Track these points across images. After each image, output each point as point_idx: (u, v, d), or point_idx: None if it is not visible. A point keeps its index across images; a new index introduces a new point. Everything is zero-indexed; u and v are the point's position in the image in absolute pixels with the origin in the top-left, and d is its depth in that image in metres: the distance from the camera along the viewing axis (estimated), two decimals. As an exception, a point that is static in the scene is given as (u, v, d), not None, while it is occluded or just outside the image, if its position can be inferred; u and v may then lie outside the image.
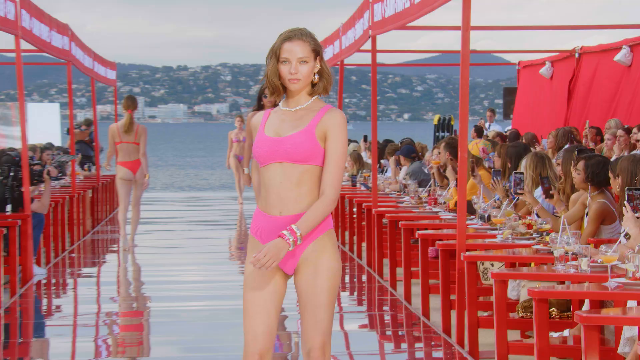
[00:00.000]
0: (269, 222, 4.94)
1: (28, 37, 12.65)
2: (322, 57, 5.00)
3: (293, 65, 4.88)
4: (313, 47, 4.92)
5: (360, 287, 12.09)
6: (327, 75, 5.00)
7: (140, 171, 14.82)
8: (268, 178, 4.93)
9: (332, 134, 4.94)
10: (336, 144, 4.94)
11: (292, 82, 4.91)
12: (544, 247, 7.81)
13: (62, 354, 8.71)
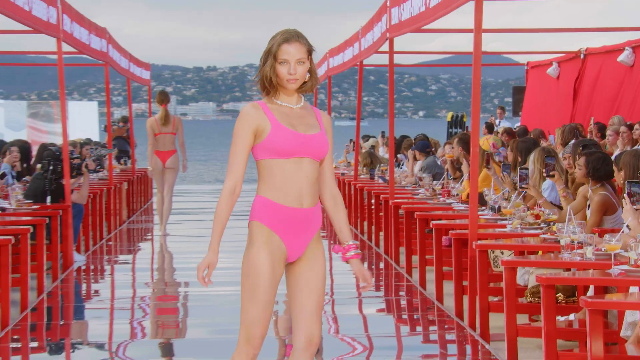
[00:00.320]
0: (289, 213, 4.87)
1: (69, 40, 12.69)
2: (312, 57, 4.96)
3: (292, 66, 4.84)
4: (307, 48, 4.89)
5: (377, 273, 12.09)
6: (315, 75, 4.97)
7: (171, 160, 15.15)
8: (290, 171, 4.87)
9: (330, 136, 4.99)
10: (331, 146, 5.00)
11: (290, 82, 4.87)
12: (551, 237, 7.80)
13: (100, 335, 8.74)
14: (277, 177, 4.86)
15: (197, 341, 8.45)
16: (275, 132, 4.84)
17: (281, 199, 4.86)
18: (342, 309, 9.69)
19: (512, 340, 7.19)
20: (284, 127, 4.85)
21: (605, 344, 5.84)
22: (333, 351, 7.97)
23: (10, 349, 8.07)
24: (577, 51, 19.39)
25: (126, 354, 7.90)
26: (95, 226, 14.46)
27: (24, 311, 9.35)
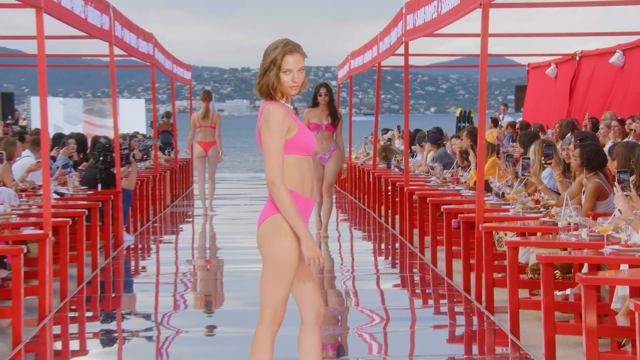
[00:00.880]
0: (305, 203, 4.87)
1: (120, 44, 12.72)
2: None
3: (295, 74, 4.83)
4: (304, 57, 4.90)
5: (393, 252, 12.07)
6: (305, 79, 4.96)
7: (212, 149, 15.60)
8: (306, 166, 4.86)
9: None
10: None
11: (293, 89, 4.87)
12: (550, 219, 7.77)
13: (147, 307, 8.77)
14: (298, 171, 4.84)
15: (232, 312, 8.47)
16: (302, 132, 4.85)
17: (300, 190, 4.84)
18: (362, 284, 9.68)
19: (515, 313, 7.17)
20: (306, 128, 4.89)
21: (598, 315, 5.81)
22: (354, 322, 7.98)
23: (68, 317, 8.12)
24: (573, 54, 19.29)
25: (170, 323, 7.93)
26: (143, 209, 14.50)
27: (80, 285, 9.40)
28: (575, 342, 6.74)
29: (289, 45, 4.84)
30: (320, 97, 12.09)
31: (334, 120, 12.15)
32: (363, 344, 7.18)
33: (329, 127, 12.20)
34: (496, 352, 6.97)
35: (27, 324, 7.48)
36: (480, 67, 8.50)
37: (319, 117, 12.23)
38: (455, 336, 7.60)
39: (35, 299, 8.01)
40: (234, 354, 6.82)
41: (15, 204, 9.51)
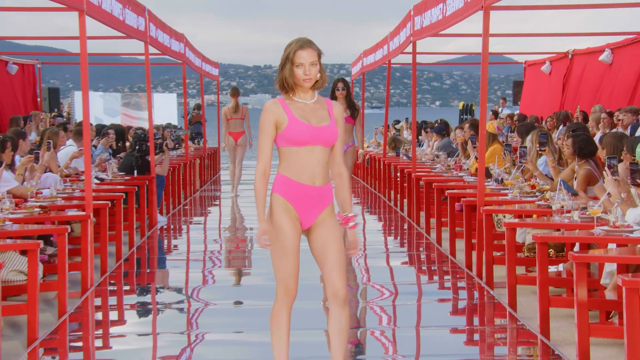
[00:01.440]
0: (302, 189, 4.81)
1: (154, 44, 12.73)
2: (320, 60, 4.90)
3: (307, 68, 4.78)
4: (317, 52, 4.84)
5: (402, 233, 12.06)
6: (324, 74, 4.91)
7: (241, 138, 16.08)
8: (304, 156, 4.80)
9: (340, 123, 4.93)
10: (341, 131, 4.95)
11: (306, 82, 4.81)
12: (545, 203, 7.75)
13: (178, 281, 8.80)
14: (294, 160, 4.81)
15: (256, 286, 8.48)
16: (291, 125, 4.79)
17: (296, 177, 4.81)
18: (373, 261, 9.68)
19: (512, 287, 7.15)
20: (299, 121, 4.80)
21: (588, 290, 5.79)
22: (366, 296, 7.98)
23: (108, 291, 8.16)
24: (566, 52, 19.18)
25: (199, 297, 7.95)
26: (174, 193, 14.53)
27: (118, 261, 9.43)
28: (567, 314, 6.72)
29: (301, 41, 4.82)
30: (338, 91, 11.47)
31: (353, 112, 11.41)
32: (374, 316, 7.18)
33: (348, 120, 11.42)
34: (495, 323, 6.95)
35: (71, 297, 7.52)
36: (481, 65, 8.46)
37: None
38: (458, 309, 7.59)
39: (78, 273, 8.05)
40: (258, 325, 6.83)
41: (61, 188, 9.56)
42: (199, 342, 6.41)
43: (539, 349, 6.07)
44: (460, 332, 6.76)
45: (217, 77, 23.66)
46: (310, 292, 8.02)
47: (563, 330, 6.45)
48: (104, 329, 6.96)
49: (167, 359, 5.97)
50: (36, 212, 7.78)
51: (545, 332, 6.27)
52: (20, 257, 7.02)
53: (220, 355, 6.06)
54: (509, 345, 6.33)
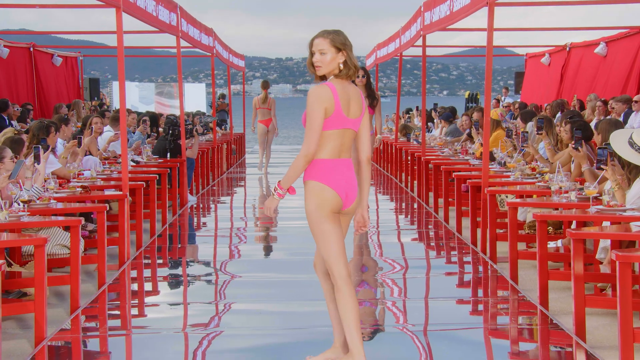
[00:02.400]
0: (341, 163, 4.62)
1: (185, 38, 12.71)
2: (347, 51, 4.64)
3: (317, 55, 4.63)
4: (331, 42, 4.60)
5: (412, 211, 12.02)
6: (351, 66, 4.66)
7: (271, 125, 17.18)
8: (344, 136, 4.62)
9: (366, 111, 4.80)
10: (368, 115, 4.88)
11: (317, 69, 4.65)
12: (544, 184, 7.70)
13: (207, 255, 8.82)
14: (335, 142, 4.59)
15: (279, 261, 8.49)
16: (336, 115, 4.57)
17: (337, 155, 4.61)
18: (385, 237, 9.66)
19: (514, 262, 7.12)
20: (341, 112, 4.59)
21: (584, 264, 5.75)
22: (378, 269, 7.96)
23: (143, 264, 8.18)
24: (564, 45, 19.05)
25: (226, 269, 7.96)
26: (203, 175, 14.55)
27: (152, 237, 9.46)
28: (564, 286, 6.68)
29: (320, 31, 4.70)
30: (358, 78, 10.25)
31: (373, 101, 10.34)
32: (386, 288, 7.17)
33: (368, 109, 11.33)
34: (498, 295, 6.92)
35: (110, 269, 7.56)
36: (486, 57, 8.40)
37: None
38: (464, 282, 7.56)
39: (116, 248, 8.07)
40: (280, 295, 6.84)
41: (100, 170, 9.59)
42: (226, 311, 6.42)
43: (539, 318, 6.04)
44: (466, 303, 6.73)
45: (243, 69, 23.63)
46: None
47: (561, 301, 6.42)
48: (140, 299, 6.99)
49: (196, 326, 5.98)
50: (78, 191, 7.81)
51: (544, 303, 6.24)
52: (63, 232, 7.05)
53: (245, 323, 6.07)
54: (510, 315, 6.30)
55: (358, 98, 4.70)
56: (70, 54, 21.13)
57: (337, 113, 4.56)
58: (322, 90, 4.55)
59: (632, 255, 4.84)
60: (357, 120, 4.68)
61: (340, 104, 4.57)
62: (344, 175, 4.61)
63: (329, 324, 4.93)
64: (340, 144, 4.61)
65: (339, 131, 4.59)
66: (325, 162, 4.59)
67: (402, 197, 13.38)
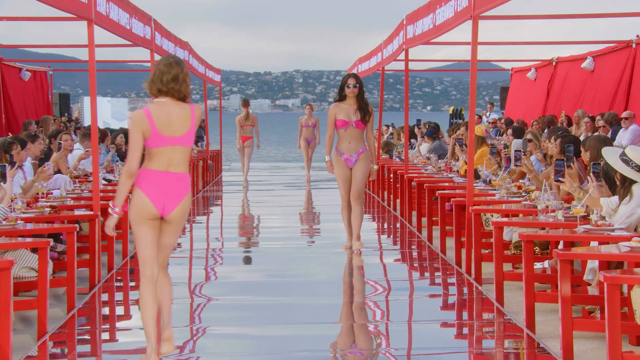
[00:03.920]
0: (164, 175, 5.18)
1: (159, 51, 12.71)
2: None
3: None
4: None
5: (395, 231, 12.04)
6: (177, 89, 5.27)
7: (249, 141, 18.32)
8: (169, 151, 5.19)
9: None
10: None
11: None
12: (530, 203, 7.73)
13: (182, 277, 8.77)
14: (160, 157, 5.17)
15: (257, 283, 8.46)
16: (154, 135, 5.15)
17: (165, 168, 5.17)
18: (367, 258, 9.64)
19: (500, 283, 7.14)
20: (158, 132, 5.16)
21: (572, 286, 5.77)
22: (360, 292, 7.96)
23: (114, 287, 8.13)
24: (550, 59, 19.21)
25: (202, 292, 7.92)
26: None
27: (124, 258, 9.41)
28: (551, 309, 6.71)
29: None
30: (349, 88, 9.33)
31: (365, 115, 9.36)
32: (368, 311, 7.16)
33: (358, 124, 9.36)
34: (483, 317, 6.93)
35: (80, 292, 7.50)
36: (470, 71, 8.45)
37: (347, 112, 9.36)
38: (448, 304, 7.57)
39: (86, 270, 8.02)
40: (258, 319, 6.82)
41: (70, 189, 9.53)
42: (201, 335, 6.39)
43: (525, 342, 6.06)
44: (450, 326, 6.74)
45: (220, 83, 23.63)
46: (311, 289, 8.00)
47: (548, 324, 6.44)
48: (111, 323, 6.94)
49: (171, 351, 5.94)
50: (47, 211, 7.76)
51: (531, 326, 6.26)
52: (31, 254, 7.00)
53: (222, 348, 6.04)
54: (496, 339, 6.31)
55: (183, 118, 5.19)
56: (39, 68, 21.04)
57: (154, 133, 5.11)
58: (136, 115, 5.17)
59: (620, 277, 4.87)
60: (182, 137, 5.18)
61: (155, 125, 5.12)
62: (166, 186, 5.16)
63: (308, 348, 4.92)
64: (169, 159, 5.17)
65: (164, 148, 5.14)
66: (150, 172, 5.17)
67: (385, 217, 13.39)
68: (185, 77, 5.24)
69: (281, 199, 16.56)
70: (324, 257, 9.66)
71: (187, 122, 5.17)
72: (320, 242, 11.14)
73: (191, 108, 5.23)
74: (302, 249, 10.57)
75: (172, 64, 5.23)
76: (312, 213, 14.42)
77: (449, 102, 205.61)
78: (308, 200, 16.39)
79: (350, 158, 9.39)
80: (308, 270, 8.95)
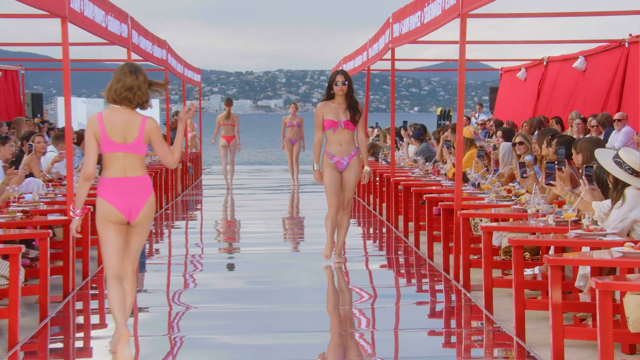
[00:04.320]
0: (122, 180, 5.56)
1: (136, 50, 12.67)
2: None
3: None
4: None
5: (380, 236, 12.06)
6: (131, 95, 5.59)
7: (233, 141, 18.43)
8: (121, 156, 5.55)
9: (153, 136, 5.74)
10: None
11: None
12: (520, 207, 7.76)
13: (160, 284, 8.75)
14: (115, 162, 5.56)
15: (238, 290, 8.45)
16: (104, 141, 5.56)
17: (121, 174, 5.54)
18: (352, 265, 9.66)
19: (489, 290, 7.16)
20: (108, 138, 5.54)
21: (563, 292, 5.80)
22: (345, 300, 7.96)
23: (89, 294, 8.10)
24: (541, 59, 19.29)
25: (180, 300, 7.91)
26: (156, 198, 14.46)
27: (100, 265, 9.37)
28: (542, 316, 6.73)
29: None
30: (337, 86, 8.95)
31: (355, 114, 8.98)
32: (354, 319, 7.17)
33: (348, 125, 8.97)
34: (472, 326, 6.96)
35: (53, 300, 7.47)
36: (458, 71, 8.48)
37: (335, 112, 8.98)
38: (436, 312, 7.59)
39: (60, 278, 7.98)
40: (239, 328, 6.81)
41: (43, 193, 9.49)
42: (180, 345, 6.37)
43: (515, 350, 6.08)
44: (438, 335, 6.75)
45: (199, 83, 23.60)
46: (294, 296, 8.00)
47: (538, 332, 6.47)
48: (85, 333, 6.91)
49: (148, 362, 5.93)
50: (18, 216, 7.72)
51: (521, 334, 6.28)
52: (1, 261, 6.96)
53: (201, 358, 6.02)
54: (485, 347, 6.33)
55: (132, 126, 5.51)
56: (10, 67, 20.94)
57: (103, 138, 5.48)
58: (90, 119, 5.53)
59: (612, 283, 4.89)
60: (131, 145, 5.50)
61: (105, 131, 5.47)
62: (127, 191, 5.51)
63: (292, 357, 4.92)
64: (124, 165, 5.52)
65: (117, 154, 5.50)
66: (109, 180, 5.55)
67: (370, 221, 13.41)
68: (141, 84, 5.56)
69: (263, 203, 16.56)
70: (308, 263, 9.66)
71: (135, 131, 5.50)
72: (304, 248, 11.15)
73: (142, 119, 5.54)
74: (285, 255, 10.57)
75: (126, 73, 5.55)
76: (296, 218, 14.42)
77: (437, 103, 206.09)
78: (292, 204, 16.39)
79: (341, 161, 9.03)
80: (291, 277, 8.95)
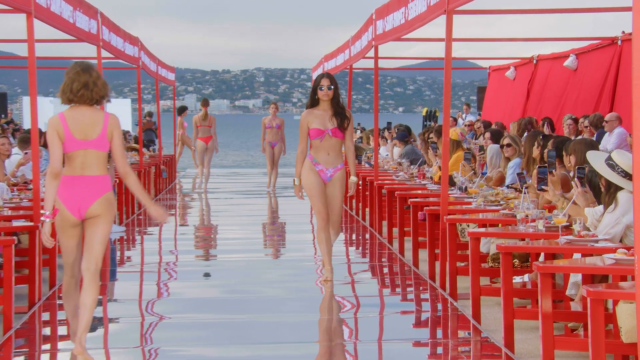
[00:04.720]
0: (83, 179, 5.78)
1: (107, 47, 12.63)
2: None
3: None
4: None
5: (364, 243, 12.06)
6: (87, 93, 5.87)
7: (210, 143, 18.80)
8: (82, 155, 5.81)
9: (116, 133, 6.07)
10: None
11: None
12: (509, 212, 7.78)
13: (131, 294, 8.71)
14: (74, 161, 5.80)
15: (214, 299, 8.42)
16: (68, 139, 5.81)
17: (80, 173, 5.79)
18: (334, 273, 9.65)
19: (476, 299, 7.18)
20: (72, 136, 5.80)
21: (553, 301, 5.82)
22: (326, 309, 7.96)
23: (57, 304, 8.05)
24: (531, 57, 19.38)
25: (153, 310, 7.88)
26: (128, 203, 14.42)
27: (68, 274, 9.31)
28: (532, 326, 6.75)
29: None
30: (322, 91, 8.51)
31: (343, 121, 8.54)
32: (336, 329, 7.16)
33: (336, 132, 8.54)
34: (459, 336, 6.97)
35: (18, 311, 7.42)
36: (445, 70, 8.50)
37: (322, 119, 8.58)
38: (421, 321, 7.60)
39: (25, 287, 7.93)
40: (215, 339, 6.79)
41: (7, 198, 9.42)
42: (154, 357, 6.35)
43: (504, 362, 6.09)
44: (424, 345, 6.76)
45: (174, 82, 23.55)
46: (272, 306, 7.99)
47: (527, 342, 6.49)
48: (52, 345, 6.87)
49: (118, 375, 5.90)
50: (-19, 222, 7.66)
51: (510, 344, 6.30)
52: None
53: (174, 372, 6.00)
54: (472, 359, 6.34)
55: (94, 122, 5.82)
56: (-26, 65, 20.81)
57: (68, 137, 5.75)
58: (52, 119, 5.79)
59: (605, 292, 4.91)
60: (93, 141, 5.78)
61: (69, 129, 5.75)
62: (78, 190, 5.77)
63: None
64: (82, 162, 5.78)
65: (78, 151, 5.75)
66: (66, 178, 5.79)
67: (353, 227, 13.42)
68: (96, 80, 5.82)
69: (241, 208, 16.54)
70: (287, 271, 9.65)
71: (98, 127, 5.78)
72: (283, 256, 11.14)
73: (105, 115, 5.85)
74: (264, 262, 10.55)
75: (79, 72, 5.82)
76: (275, 224, 14.41)
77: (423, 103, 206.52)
78: (270, 209, 16.38)
79: (325, 171, 8.66)
80: (270, 285, 8.94)
